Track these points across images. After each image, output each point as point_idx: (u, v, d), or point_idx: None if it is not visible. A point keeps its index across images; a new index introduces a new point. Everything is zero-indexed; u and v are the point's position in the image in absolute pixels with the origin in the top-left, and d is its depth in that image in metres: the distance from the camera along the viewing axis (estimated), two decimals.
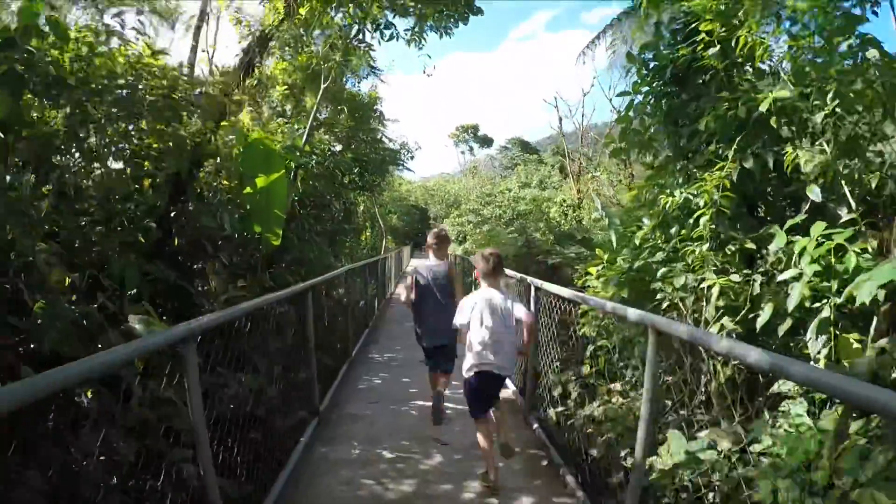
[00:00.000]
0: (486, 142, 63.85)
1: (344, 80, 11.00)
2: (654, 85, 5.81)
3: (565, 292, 3.59)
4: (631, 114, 5.88)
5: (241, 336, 3.80)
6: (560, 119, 17.78)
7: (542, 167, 37.59)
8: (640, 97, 5.85)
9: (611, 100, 15.41)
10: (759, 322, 3.59)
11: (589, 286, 5.39)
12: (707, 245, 3.91)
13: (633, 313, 2.32)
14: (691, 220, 4.55)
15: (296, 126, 6.73)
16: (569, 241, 9.53)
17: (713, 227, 3.93)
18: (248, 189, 4.80)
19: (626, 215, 6.28)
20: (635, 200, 5.82)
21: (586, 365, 4.64)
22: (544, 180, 30.84)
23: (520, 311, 3.24)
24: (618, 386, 4.43)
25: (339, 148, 9.76)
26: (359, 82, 11.71)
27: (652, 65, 5.81)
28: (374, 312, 9.77)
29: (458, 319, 3.30)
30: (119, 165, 4.35)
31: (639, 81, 5.92)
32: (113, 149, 4.25)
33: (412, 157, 13.86)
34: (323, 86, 6.55)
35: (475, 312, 3.21)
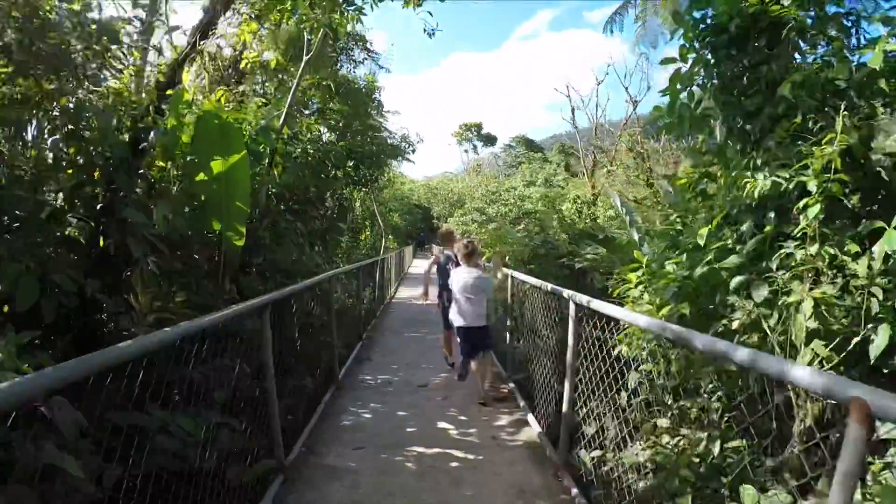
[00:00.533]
0: (490, 140, 62.61)
1: (337, 64, 10.01)
2: (706, 49, 4.81)
3: (640, 320, 2.52)
4: (678, 86, 4.88)
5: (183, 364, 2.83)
6: (573, 109, 16.70)
7: (547, 165, 37.09)
8: (686, 66, 4.86)
9: (627, 88, 14.37)
10: (874, 350, 2.67)
11: (627, 297, 4.37)
12: (815, 247, 2.87)
13: (826, 381, 1.23)
14: (773, 214, 3.55)
15: (277, 107, 5.70)
16: (588, 240, 8.46)
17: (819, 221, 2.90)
18: (200, 175, 3.78)
19: (670, 209, 5.26)
20: (684, 190, 4.79)
21: (624, 393, 3.65)
22: (549, 178, 29.99)
23: (486, 284, 4.76)
24: (665, 422, 3.43)
25: (331, 137, 8.75)
26: (355, 68, 10.70)
27: (702, 26, 4.82)
28: (370, 320, 8.74)
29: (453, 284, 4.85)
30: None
31: (686, 46, 4.92)
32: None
33: (413, 151, 12.81)
34: (305, 57, 5.52)
35: (458, 284, 4.72)
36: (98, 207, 3.44)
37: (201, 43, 4.00)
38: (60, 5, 3.33)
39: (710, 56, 4.82)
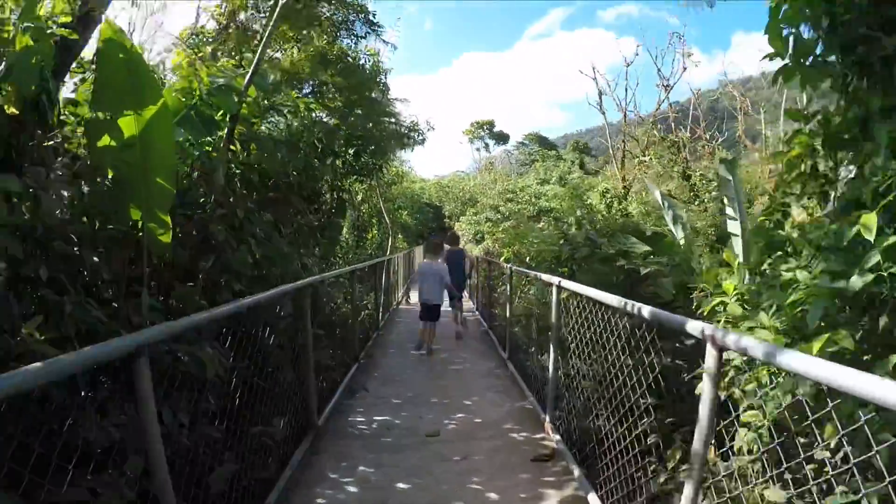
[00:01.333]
0: (502, 138, 61.05)
1: (336, 38, 8.81)
2: None
3: None
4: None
5: None
6: (600, 93, 15.33)
7: (562, 163, 36.19)
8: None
9: (659, 70, 13.03)
10: None
11: (719, 314, 3.07)
12: None
13: None
14: None
15: (247, 68, 4.48)
16: (624, 238, 7.11)
17: None
18: (104, 139, 2.55)
19: (725, 197, 3.95)
20: (791, 168, 3.49)
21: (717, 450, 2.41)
22: (564, 176, 28.90)
23: (442, 271, 6.98)
24: (778, 494, 2.21)
25: (327, 117, 7.53)
26: (356, 43, 9.45)
27: None
28: (371, 335, 7.48)
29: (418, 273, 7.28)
30: None
31: None
32: None
33: (423, 140, 11.53)
34: (281, 0, 4.30)
35: (424, 274, 7.05)
36: None
37: None
38: None
39: None
